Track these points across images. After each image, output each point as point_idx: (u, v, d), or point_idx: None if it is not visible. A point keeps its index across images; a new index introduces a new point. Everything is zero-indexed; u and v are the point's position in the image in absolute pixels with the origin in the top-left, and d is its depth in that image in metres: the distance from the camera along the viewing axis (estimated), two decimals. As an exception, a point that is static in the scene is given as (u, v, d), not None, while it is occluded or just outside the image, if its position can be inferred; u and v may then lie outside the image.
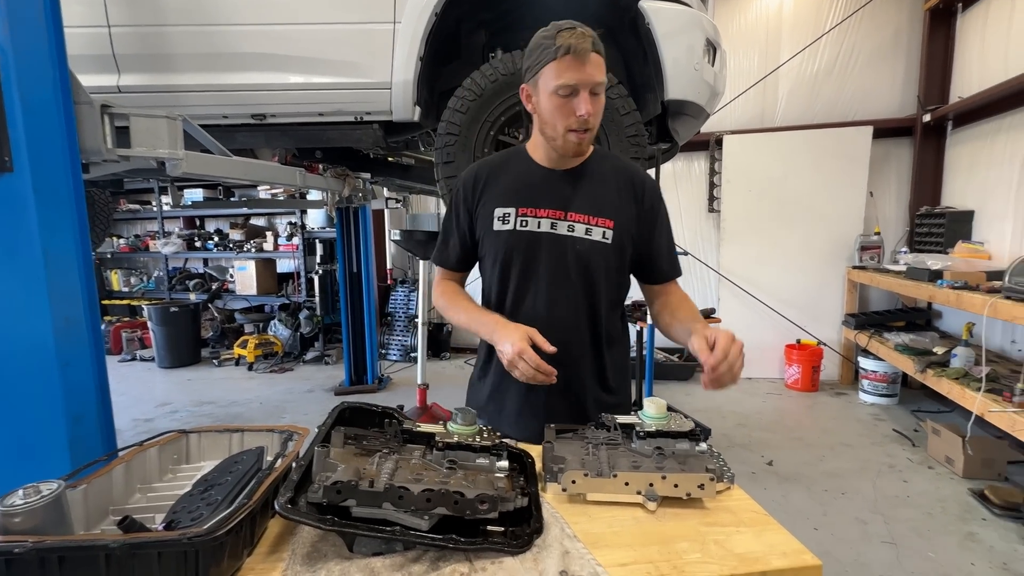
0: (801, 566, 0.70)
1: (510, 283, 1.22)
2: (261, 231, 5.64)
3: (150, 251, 5.95)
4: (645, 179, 1.25)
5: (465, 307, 1.23)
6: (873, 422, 3.46)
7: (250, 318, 5.31)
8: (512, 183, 1.21)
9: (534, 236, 1.19)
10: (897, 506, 2.43)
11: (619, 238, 1.20)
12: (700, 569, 0.69)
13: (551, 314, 1.20)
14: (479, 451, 0.86)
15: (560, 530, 0.76)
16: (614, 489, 0.84)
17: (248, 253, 5.40)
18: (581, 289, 1.21)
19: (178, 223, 6.09)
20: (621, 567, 0.69)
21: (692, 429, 0.95)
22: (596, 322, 1.24)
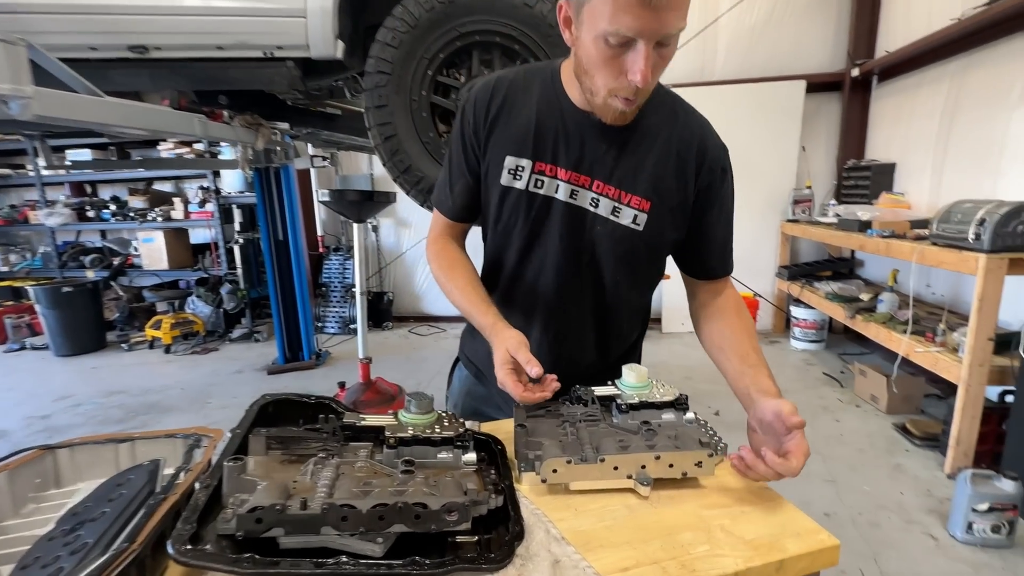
0: (819, 548, 0.61)
1: (509, 253, 0.98)
2: (167, 197, 5.00)
3: (31, 223, 5.14)
4: (710, 146, 0.92)
5: (462, 287, 0.96)
6: (805, 367, 3.67)
7: (162, 295, 4.76)
8: (533, 122, 0.90)
9: (546, 203, 0.92)
10: (832, 445, 2.57)
11: (656, 224, 0.92)
12: (712, 565, 0.59)
13: (553, 303, 0.99)
14: (440, 444, 0.71)
15: (545, 533, 0.64)
16: (601, 475, 0.72)
17: (154, 223, 4.78)
18: (590, 284, 0.97)
19: (64, 190, 5.28)
20: (623, 573, 0.58)
21: (678, 397, 0.85)
22: (606, 326, 1.01)
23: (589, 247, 0.94)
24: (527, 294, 1.00)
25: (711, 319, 0.98)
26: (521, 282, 1.00)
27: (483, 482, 0.69)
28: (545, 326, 1.01)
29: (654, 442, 0.76)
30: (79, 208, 5.01)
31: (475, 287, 0.96)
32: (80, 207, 5.02)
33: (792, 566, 0.60)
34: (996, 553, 1.80)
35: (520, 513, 0.66)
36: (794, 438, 0.71)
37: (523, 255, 0.97)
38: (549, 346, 1.01)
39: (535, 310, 1.01)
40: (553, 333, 1.01)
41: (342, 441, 0.72)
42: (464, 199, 0.99)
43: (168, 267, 4.87)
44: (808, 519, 0.66)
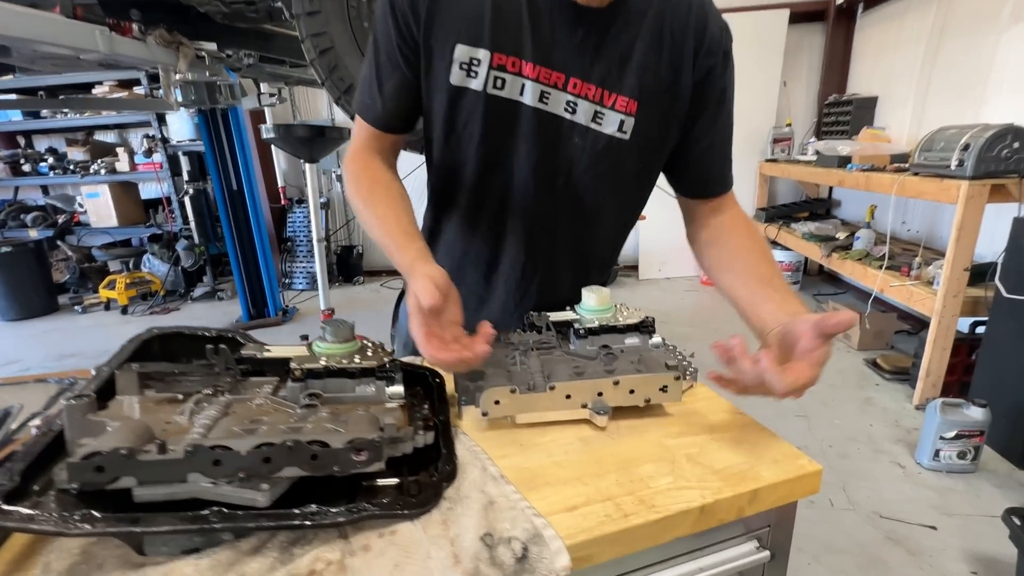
0: (798, 475, 0.53)
1: (463, 174, 0.80)
2: (110, 148, 4.61)
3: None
4: (711, 23, 0.75)
5: (382, 216, 0.74)
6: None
7: (114, 254, 4.47)
8: (490, 2, 0.70)
9: (509, 110, 0.73)
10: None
11: (645, 130, 0.75)
12: (675, 499, 0.50)
13: (520, 235, 0.83)
14: (359, 376, 0.60)
15: (481, 471, 0.54)
16: (552, 405, 0.62)
17: (97, 176, 4.42)
18: (567, 209, 0.81)
19: (-7, 142, 4.83)
20: (570, 512, 0.48)
21: (643, 320, 0.75)
22: (585, 259, 0.88)
23: (565, 165, 0.78)
24: (487, 224, 0.84)
25: (716, 241, 0.82)
26: (480, 211, 0.83)
27: (409, 418, 0.58)
28: (512, 262, 0.86)
29: (613, 367, 0.65)
30: (12, 162, 4.60)
31: (398, 216, 0.74)
32: (13, 160, 4.61)
33: (767, 496, 0.52)
34: (960, 478, 1.83)
35: (453, 451, 0.56)
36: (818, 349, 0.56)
37: (481, 177, 0.80)
38: (517, 284, 0.87)
39: (498, 243, 0.85)
40: (521, 269, 0.86)
41: (240, 376, 0.60)
42: (397, 102, 0.78)
43: (118, 224, 4.55)
44: (787, 444, 0.58)
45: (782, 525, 0.56)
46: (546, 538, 0.45)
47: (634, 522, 0.47)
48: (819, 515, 1.68)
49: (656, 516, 0.47)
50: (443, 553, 0.43)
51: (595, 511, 0.48)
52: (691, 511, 0.49)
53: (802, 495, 0.54)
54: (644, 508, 0.48)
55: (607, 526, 0.46)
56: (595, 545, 0.46)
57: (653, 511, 0.48)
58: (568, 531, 0.46)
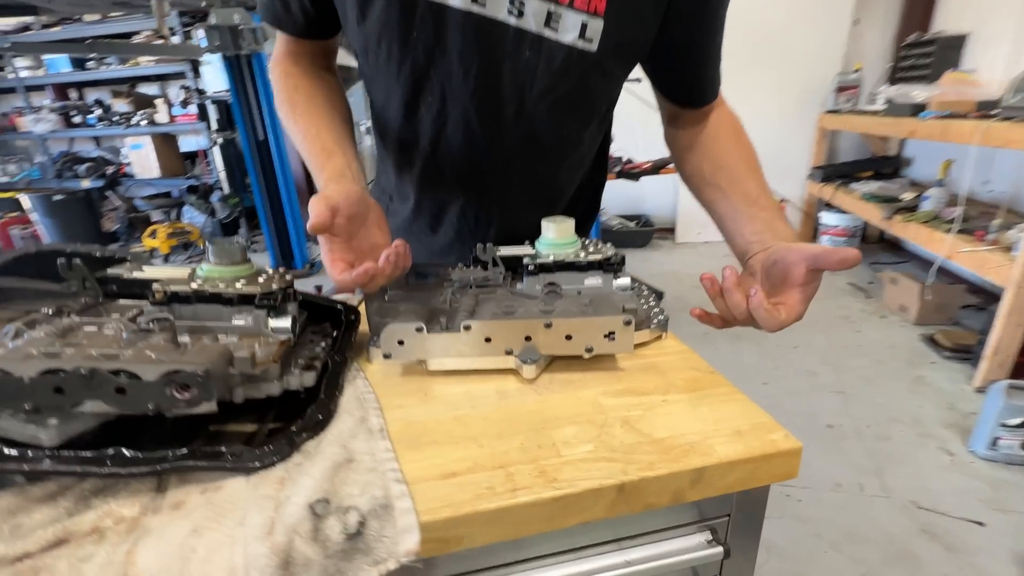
0: (767, 453, 0.39)
1: (391, 105, 0.66)
2: (150, 100, 4.71)
3: (19, 131, 4.97)
4: None
5: (303, 130, 0.64)
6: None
7: (156, 204, 4.63)
8: None
9: (433, 15, 0.57)
10: (847, 355, 2.34)
11: (617, 34, 0.58)
12: (587, 472, 0.37)
13: (466, 179, 0.69)
14: (238, 303, 0.50)
15: (357, 423, 0.43)
16: (469, 349, 0.50)
17: (139, 128, 4.54)
18: (519, 145, 0.66)
19: (48, 95, 5.04)
20: (446, 480, 0.37)
21: (608, 257, 0.61)
22: (551, 202, 0.74)
23: (513, 91, 0.61)
24: (427, 168, 0.69)
25: (698, 147, 0.68)
26: (416, 151, 0.68)
27: (287, 354, 0.48)
28: (461, 211, 0.72)
29: (553, 307, 0.53)
30: (64, 113, 4.79)
31: (319, 130, 0.63)
32: (64, 112, 4.80)
33: (720, 477, 0.39)
34: (1020, 471, 1.59)
35: (334, 397, 0.46)
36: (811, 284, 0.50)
37: (410, 110, 0.65)
38: (471, 235, 0.74)
39: (442, 190, 0.71)
40: (473, 218, 0.73)
41: (98, 298, 0.51)
42: (301, 4, 0.64)
43: (160, 175, 4.70)
44: (760, 413, 0.44)
45: (747, 515, 0.43)
46: (396, 511, 0.34)
47: (521, 499, 0.35)
48: (845, 500, 1.51)
49: (554, 493, 0.36)
50: (260, 519, 0.34)
51: (477, 481, 0.37)
52: (605, 490, 0.36)
53: (773, 478, 0.40)
54: (542, 482, 0.36)
55: (484, 502, 0.35)
56: (463, 525, 0.35)
57: (552, 487, 0.36)
58: (432, 504, 0.35)
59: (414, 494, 0.36)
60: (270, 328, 0.50)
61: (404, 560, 0.32)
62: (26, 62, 4.85)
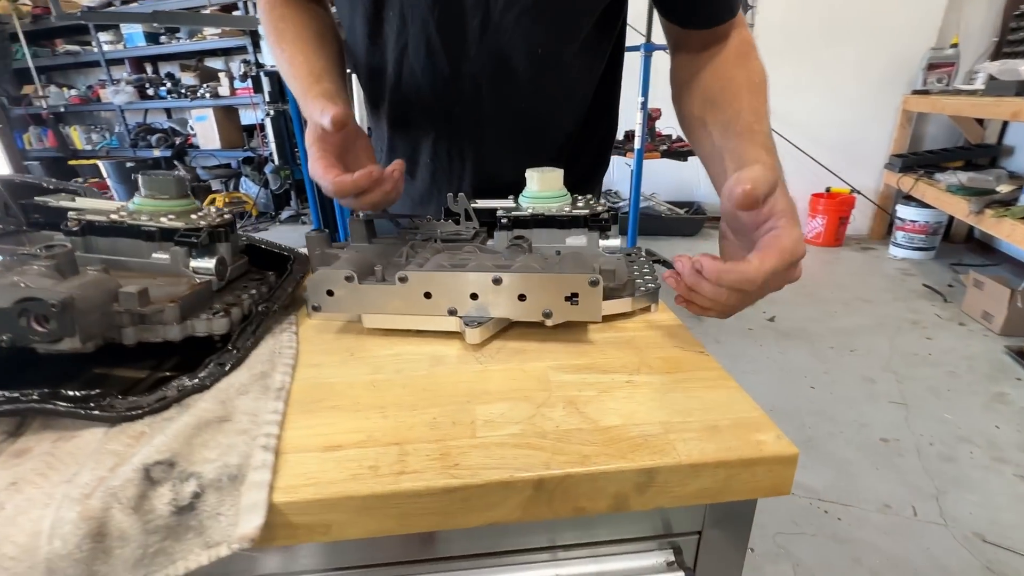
0: (750, 458, 0.29)
1: (355, 30, 0.62)
2: (214, 73, 4.92)
3: (102, 102, 5.34)
4: None
5: (289, 58, 0.59)
6: (901, 277, 3.02)
7: (216, 174, 4.86)
8: None
9: None
10: (914, 364, 2.08)
11: None
12: (499, 459, 0.29)
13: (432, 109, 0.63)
14: (160, 239, 0.45)
15: (254, 379, 0.37)
16: (407, 306, 0.43)
17: (203, 100, 4.76)
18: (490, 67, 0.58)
19: (126, 68, 5.37)
20: (325, 453, 0.30)
21: (596, 213, 0.51)
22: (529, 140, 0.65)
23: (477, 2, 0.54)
24: (393, 97, 0.64)
25: (696, 79, 0.56)
26: (382, 79, 0.63)
27: (199, 297, 0.42)
28: (432, 151, 0.65)
29: (513, 262, 0.44)
30: (139, 85, 5.09)
31: (307, 57, 0.58)
32: (140, 84, 5.10)
33: (678, 484, 0.29)
34: (1122, 512, 1.35)
35: (241, 349, 0.40)
36: (774, 230, 0.37)
37: (373, 27, 0.60)
38: (446, 180, 0.67)
39: (411, 124, 0.65)
40: (446, 158, 0.66)
41: (24, 227, 0.48)
42: None
43: (221, 146, 4.91)
44: (752, 406, 0.33)
45: (724, 535, 0.34)
46: (245, 484, 0.27)
47: (405, 485, 0.27)
48: (894, 524, 1.34)
49: (448, 482, 0.28)
50: (88, 478, 0.28)
51: (361, 457, 0.29)
52: (517, 485, 0.28)
53: (755, 492, 0.30)
54: (438, 467, 0.29)
55: (359, 484, 0.28)
56: (331, 510, 0.27)
57: (448, 474, 0.28)
58: (296, 481, 0.28)
59: (281, 466, 0.29)
60: (191, 268, 0.44)
61: (237, 547, 0.25)
62: (107, 36, 5.19)
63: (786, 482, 0.30)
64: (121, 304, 0.36)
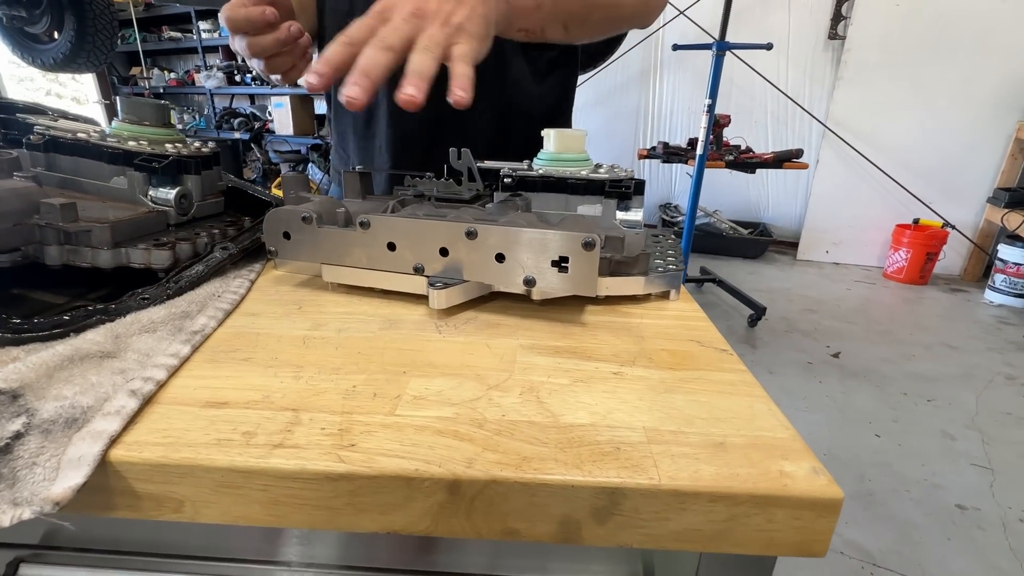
0: (768, 494, 0.20)
1: None
2: (296, 63, 5.18)
3: (195, 85, 5.76)
4: None
5: None
6: (997, 325, 2.65)
7: (285, 158, 5.10)
8: None
9: None
10: (1006, 425, 1.80)
11: None
12: (408, 447, 0.21)
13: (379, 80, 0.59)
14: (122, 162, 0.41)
15: (172, 318, 0.31)
16: (368, 259, 0.36)
17: (283, 88, 5.02)
18: None
19: (219, 56, 5.77)
20: (205, 409, 0.23)
21: (618, 180, 0.43)
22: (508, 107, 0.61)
23: None
24: None
25: None
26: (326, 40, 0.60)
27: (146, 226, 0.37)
28: (389, 120, 0.61)
29: (498, 217, 0.36)
30: (228, 72, 5.45)
31: None
32: (229, 71, 5.45)
33: (655, 519, 0.20)
34: None
35: (175, 285, 0.34)
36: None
37: None
38: (401, 156, 0.63)
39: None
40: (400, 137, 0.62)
41: None
42: None
43: (293, 132, 5.15)
44: (780, 422, 0.24)
45: (723, 599, 0.24)
46: (81, 432, 0.21)
47: (274, 462, 0.20)
48: (967, 607, 1.13)
49: (333, 467, 0.20)
50: (-82, 401, 0.23)
51: (240, 420, 0.23)
52: (422, 485, 0.20)
53: (772, 547, 0.21)
54: (327, 444, 0.21)
55: (221, 452, 0.21)
56: (181, 481, 0.21)
57: (335, 455, 0.21)
58: (149, 437, 0.22)
59: (144, 418, 0.23)
60: (149, 196, 0.40)
61: (40, 510, 0.19)
62: (206, 25, 5.60)
63: (822, 537, 0.20)
64: (43, 217, 0.32)
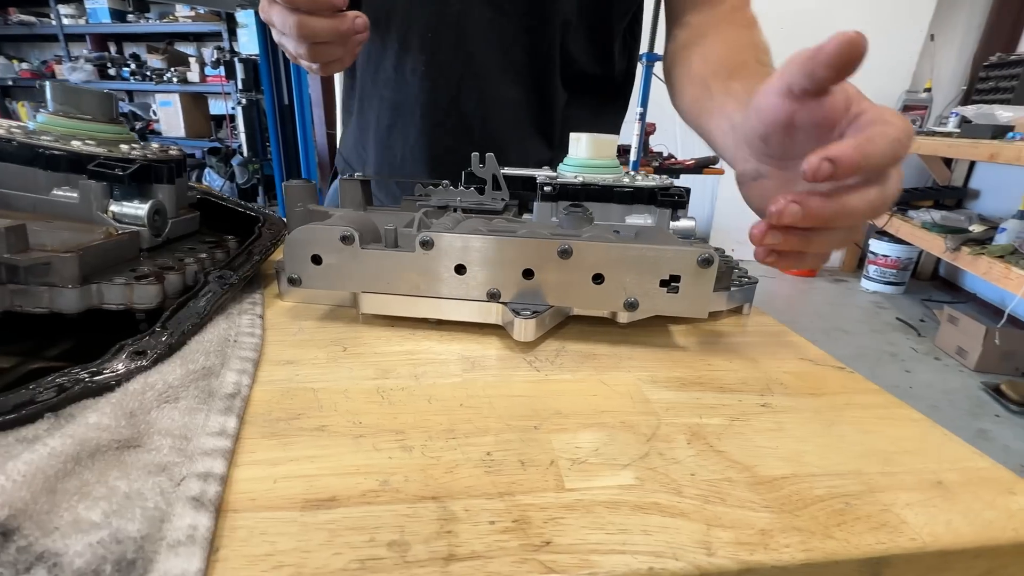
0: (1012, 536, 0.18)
1: None
2: (184, 58, 4.66)
3: (56, 78, 4.97)
4: None
5: None
6: (875, 310, 3.06)
7: (177, 163, 4.57)
8: None
9: None
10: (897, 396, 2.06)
11: None
12: (620, 537, 0.16)
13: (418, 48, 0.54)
14: (69, 169, 0.30)
15: (193, 378, 0.23)
16: (427, 285, 0.30)
17: (170, 85, 4.49)
18: None
19: (86, 45, 5.04)
20: (308, 512, 0.17)
21: (665, 187, 0.40)
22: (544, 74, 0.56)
23: None
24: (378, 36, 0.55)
25: (690, 48, 0.50)
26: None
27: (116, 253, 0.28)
28: (419, 90, 0.56)
29: (580, 232, 0.32)
30: (100, 64, 4.78)
31: None
32: (100, 64, 4.78)
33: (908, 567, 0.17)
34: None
35: (177, 331, 0.26)
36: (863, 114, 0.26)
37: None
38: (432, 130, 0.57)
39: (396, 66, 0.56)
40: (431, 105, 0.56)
41: None
42: None
43: (186, 135, 4.63)
44: (972, 451, 0.22)
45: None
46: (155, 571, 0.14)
47: (462, 586, 0.15)
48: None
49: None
50: None
51: (372, 525, 0.16)
52: (660, 586, 0.16)
53: None
54: (519, 546, 0.16)
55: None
56: (315, 634, 0.14)
57: (536, 560, 0.15)
58: (251, 571, 0.15)
59: (223, 540, 0.16)
60: (111, 213, 0.30)
61: None
62: (68, 10, 4.86)
63: (1058, 576, 0.18)
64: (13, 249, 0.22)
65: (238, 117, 4.12)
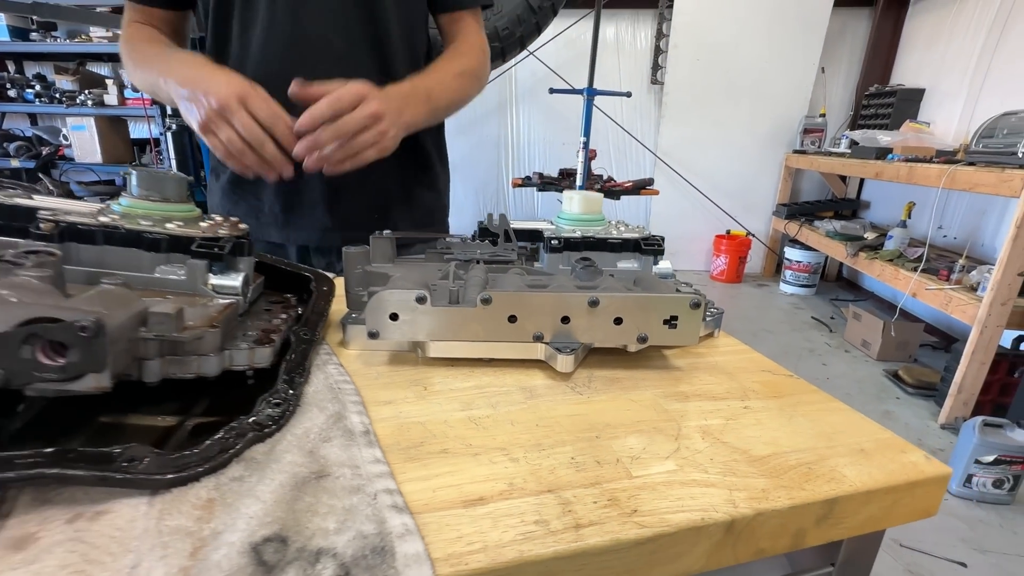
0: (912, 480, 0.29)
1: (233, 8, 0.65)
2: (100, 80, 4.37)
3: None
4: None
5: (158, 53, 0.63)
6: (793, 310, 3.41)
7: (94, 191, 4.23)
8: None
9: None
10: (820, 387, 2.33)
11: None
12: (677, 500, 0.25)
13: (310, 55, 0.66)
14: (168, 249, 0.36)
15: (330, 422, 0.30)
16: (486, 331, 0.38)
17: (84, 108, 4.19)
18: None
19: (-20, 64, 4.59)
20: (471, 508, 0.24)
21: (647, 237, 0.51)
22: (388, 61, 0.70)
23: None
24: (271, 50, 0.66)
25: None
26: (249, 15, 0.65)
27: (231, 322, 0.34)
28: None
29: (595, 283, 0.41)
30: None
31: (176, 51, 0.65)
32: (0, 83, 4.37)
33: (851, 513, 0.28)
34: (994, 510, 1.58)
35: (297, 386, 0.32)
36: None
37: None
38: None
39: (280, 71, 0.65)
40: None
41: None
42: None
43: (103, 160, 4.32)
44: (879, 427, 0.33)
45: (854, 568, 0.32)
46: (399, 558, 0.21)
47: (593, 541, 0.23)
48: (828, 536, 1.44)
49: (639, 533, 0.23)
50: (161, 570, 0.20)
51: (518, 511, 0.24)
52: (709, 530, 0.24)
53: (913, 515, 0.29)
54: (617, 516, 0.24)
55: (536, 545, 0.22)
56: (505, 582, 0.22)
57: (633, 522, 0.24)
58: (456, 548, 0.22)
59: (424, 530, 0.23)
60: (210, 286, 0.36)
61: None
62: (-44, 26, 4.42)
63: (935, 502, 0.29)
64: (150, 329, 0.28)
65: (166, 142, 3.91)
